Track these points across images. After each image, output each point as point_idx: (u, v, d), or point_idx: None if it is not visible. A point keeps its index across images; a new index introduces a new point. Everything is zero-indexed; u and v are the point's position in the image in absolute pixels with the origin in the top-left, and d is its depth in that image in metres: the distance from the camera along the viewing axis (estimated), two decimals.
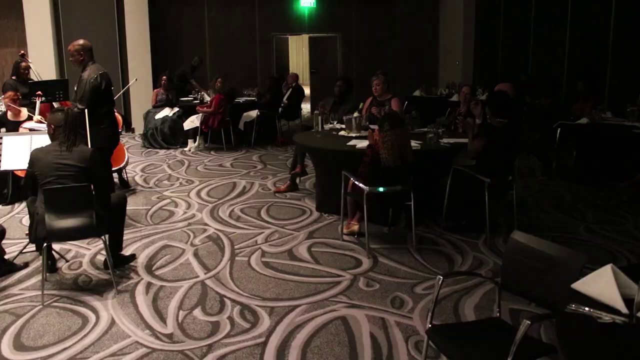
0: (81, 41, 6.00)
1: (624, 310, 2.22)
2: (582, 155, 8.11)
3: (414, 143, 5.61)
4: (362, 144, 5.94)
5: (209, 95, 10.86)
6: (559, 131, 8.14)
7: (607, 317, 2.19)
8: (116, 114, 6.49)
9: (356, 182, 5.25)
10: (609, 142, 7.66)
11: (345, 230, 5.68)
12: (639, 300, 2.14)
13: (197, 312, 4.14)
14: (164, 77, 10.71)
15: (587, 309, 2.24)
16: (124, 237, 5.06)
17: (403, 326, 3.93)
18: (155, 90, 10.98)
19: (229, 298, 4.37)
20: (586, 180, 7.71)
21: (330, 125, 7.04)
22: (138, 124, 11.68)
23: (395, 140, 5.01)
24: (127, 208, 5.25)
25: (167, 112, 10.45)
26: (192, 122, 9.97)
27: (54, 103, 6.96)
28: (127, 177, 7.78)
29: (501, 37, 14.27)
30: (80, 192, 4.25)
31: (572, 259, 2.74)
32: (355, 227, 5.65)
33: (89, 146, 5.51)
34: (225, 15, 14.07)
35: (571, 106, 9.48)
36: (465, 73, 14.64)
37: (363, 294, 4.44)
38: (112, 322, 3.98)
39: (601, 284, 2.37)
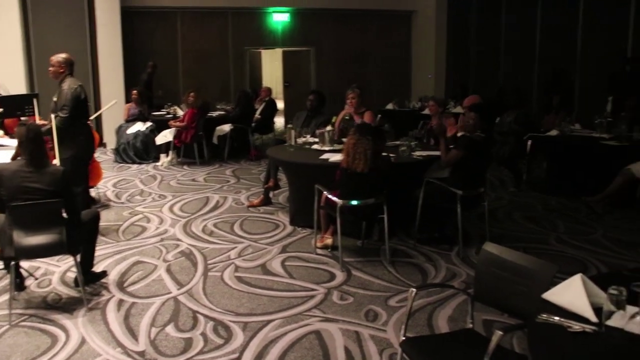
0: (65, 54, 6.04)
1: (594, 319, 2.24)
2: (552, 167, 8.22)
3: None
4: (335, 157, 5.95)
5: (181, 109, 10.80)
6: (529, 143, 8.25)
7: (577, 326, 2.21)
8: (93, 131, 6.50)
9: (329, 196, 5.25)
10: (578, 154, 7.77)
11: (318, 244, 5.67)
12: (607, 309, 2.16)
13: (170, 329, 4.09)
14: (136, 91, 10.63)
15: (557, 318, 2.26)
16: (95, 254, 4.98)
17: (377, 339, 3.93)
18: (127, 105, 10.89)
19: (202, 314, 4.32)
20: (556, 191, 7.81)
21: (303, 139, 7.05)
22: (110, 138, 11.56)
23: (352, 147, 5.05)
24: (99, 224, 5.18)
25: (139, 126, 10.36)
26: (164, 136, 9.90)
27: (22, 118, 6.87)
28: (97, 193, 7.68)
29: (472, 51, 14.46)
30: (50, 208, 4.18)
31: (543, 269, 2.77)
32: (329, 241, 5.64)
33: (60, 156, 5.50)
34: (198, 29, 14.05)
35: (542, 118, 9.63)
36: (437, 86, 14.79)
37: (337, 307, 4.42)
38: (83, 341, 3.91)
39: (571, 294, 2.39)
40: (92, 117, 6.99)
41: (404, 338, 2.96)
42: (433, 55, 14.95)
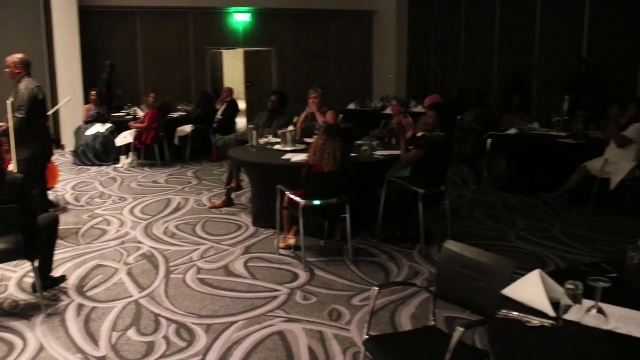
0: (21, 55, 5.95)
1: (552, 313, 2.28)
2: (511, 165, 8.35)
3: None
4: (297, 157, 5.95)
5: (142, 110, 10.67)
6: (489, 142, 8.37)
7: (535, 321, 2.25)
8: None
9: (292, 196, 5.25)
10: (536, 152, 7.92)
11: (281, 245, 5.66)
12: (565, 304, 2.20)
13: (132, 333, 4.03)
14: (94, 92, 10.47)
15: (516, 313, 2.30)
16: (54, 258, 4.88)
17: (341, 338, 3.93)
18: (86, 106, 10.71)
19: (164, 317, 4.27)
20: (516, 189, 7.94)
21: (266, 140, 7.02)
22: (68, 140, 11.36)
23: (320, 147, 5.07)
24: (58, 227, 5.08)
25: (98, 128, 10.21)
26: (124, 138, 9.76)
27: None
28: (56, 196, 7.54)
29: (433, 51, 14.61)
30: (5, 214, 4.08)
31: (503, 266, 2.81)
32: (292, 241, 5.63)
33: (16, 157, 5.39)
34: (158, 29, 13.90)
35: (502, 117, 9.78)
36: (399, 86, 14.89)
37: (300, 307, 4.42)
38: (41, 348, 3.83)
39: (530, 290, 2.43)
40: (49, 113, 6.87)
41: (367, 337, 2.97)
42: (394, 55, 15.05)
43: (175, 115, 10.89)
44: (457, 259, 2.99)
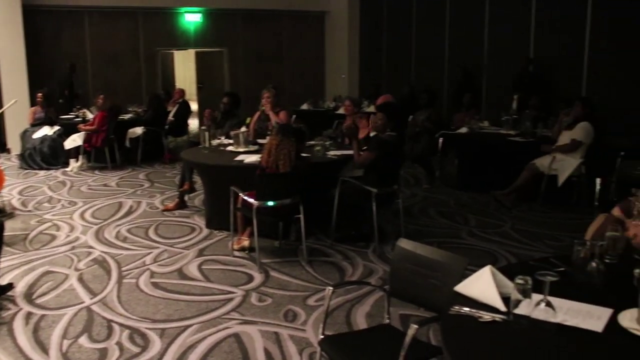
0: None
1: (502, 308, 2.32)
2: (462, 163, 8.48)
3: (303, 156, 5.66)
4: (250, 159, 5.93)
5: (91, 112, 10.46)
6: (441, 140, 8.49)
7: (487, 316, 2.28)
8: None
9: (245, 198, 5.22)
10: (486, 150, 8.06)
11: (235, 246, 5.63)
12: (515, 298, 2.25)
13: (83, 340, 3.94)
14: (41, 93, 10.21)
15: (467, 309, 2.33)
16: (1, 265, 4.75)
17: (297, 339, 3.93)
18: (32, 108, 10.44)
19: (117, 322, 4.20)
20: (467, 187, 8.07)
21: (218, 141, 6.97)
22: (14, 144, 11.06)
23: (275, 148, 5.06)
24: (4, 234, 4.94)
25: (46, 130, 9.96)
26: (73, 140, 9.55)
27: None
28: (2, 201, 7.33)
29: (385, 51, 14.72)
30: None
31: (455, 262, 2.85)
32: (246, 243, 5.60)
33: None
34: (107, 29, 13.64)
35: (453, 116, 9.92)
36: (351, 86, 14.96)
37: (256, 309, 4.40)
38: None
39: (481, 285, 2.47)
40: None
41: (322, 337, 2.97)
42: (346, 56, 15.13)
43: (126, 117, 10.71)
44: (410, 257, 3.03)
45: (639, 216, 3.32)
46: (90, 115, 10.33)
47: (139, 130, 10.20)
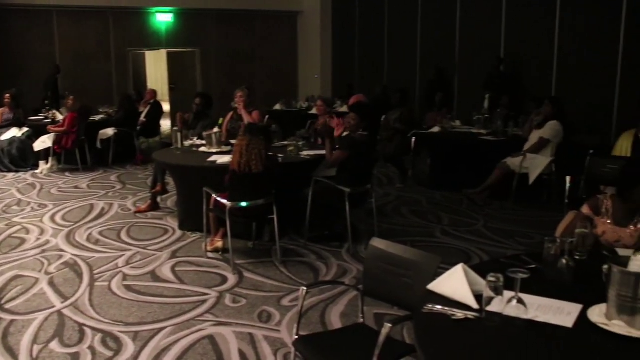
0: None
1: (475, 305, 2.34)
2: (435, 162, 8.54)
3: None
4: (223, 159, 5.90)
5: (61, 113, 10.32)
6: (413, 140, 8.54)
7: (459, 314, 2.30)
8: None
9: (218, 199, 5.19)
10: (458, 149, 8.13)
11: (209, 248, 5.59)
12: (487, 296, 2.27)
13: (54, 345, 3.89)
14: (9, 94, 10.03)
15: (440, 307, 2.35)
16: None
17: (271, 340, 3.92)
18: (0, 110, 10.26)
19: (89, 326, 4.14)
20: (440, 186, 8.13)
21: (190, 142, 6.92)
22: None
23: (245, 148, 5.05)
24: None
25: (14, 132, 9.79)
26: (43, 142, 9.41)
27: None
28: None
29: (358, 51, 14.77)
30: None
31: (428, 261, 2.87)
32: (219, 244, 5.58)
33: None
34: (76, 29, 13.50)
35: (425, 116, 9.99)
36: (324, 86, 14.99)
37: (230, 310, 4.38)
38: None
39: (453, 283, 2.49)
40: None
41: (296, 337, 2.97)
42: (319, 55, 15.15)
43: (97, 118, 10.59)
44: (383, 256, 3.04)
45: (607, 214, 3.38)
46: (60, 117, 10.19)
47: (110, 132, 10.09)
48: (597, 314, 2.25)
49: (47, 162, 9.52)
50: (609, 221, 3.36)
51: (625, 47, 8.39)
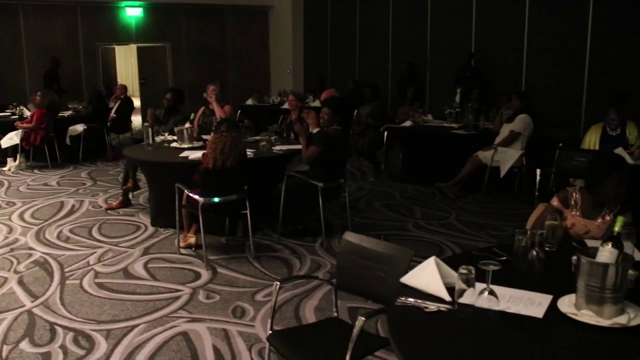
0: None
1: (447, 298, 2.37)
2: (407, 156, 8.59)
3: (248, 151, 5.62)
4: (195, 155, 5.86)
5: (29, 109, 10.15)
6: (385, 134, 8.57)
7: (432, 306, 2.32)
8: None
9: (190, 194, 5.16)
10: (430, 143, 8.19)
11: (182, 244, 5.56)
12: (459, 288, 2.29)
13: (25, 345, 3.83)
14: None
15: (413, 300, 2.37)
16: None
17: (245, 335, 3.92)
18: None
19: (60, 325, 4.09)
20: (412, 179, 8.18)
21: (162, 137, 6.87)
22: None
23: (226, 143, 5.03)
24: None
25: None
26: (10, 139, 9.25)
27: None
28: None
29: (330, 45, 14.77)
30: None
31: (400, 254, 2.88)
32: (192, 240, 5.55)
33: None
34: (44, 23, 13.28)
35: (397, 110, 10.04)
36: (296, 80, 14.96)
37: (203, 306, 4.36)
38: None
39: (426, 276, 2.51)
40: None
41: (270, 332, 2.97)
42: (291, 50, 15.12)
43: (66, 113, 10.43)
44: (356, 250, 3.05)
45: (576, 206, 3.43)
46: (27, 113, 10.03)
47: (79, 128, 9.95)
48: (567, 304, 2.29)
49: (15, 159, 9.36)
50: (577, 214, 3.41)
51: (593, 42, 8.52)
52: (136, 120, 13.65)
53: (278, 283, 3.08)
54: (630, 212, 3.34)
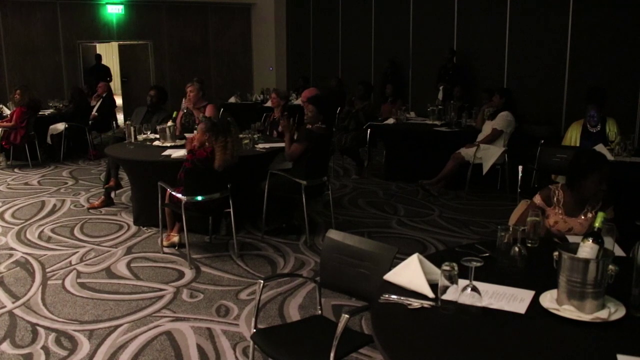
0: None
1: (430, 294, 2.38)
2: (390, 154, 8.61)
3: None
4: (178, 153, 5.83)
5: (8, 108, 10.03)
6: (369, 132, 8.59)
7: (415, 303, 2.33)
8: None
9: (173, 193, 5.13)
10: (413, 140, 8.22)
11: (165, 243, 5.53)
12: (442, 284, 2.30)
13: (5, 346, 3.79)
14: None
15: (396, 297, 2.38)
16: None
17: (230, 334, 3.91)
18: None
19: (42, 326, 4.06)
20: (395, 177, 8.21)
21: (144, 136, 6.82)
22: None
23: (231, 144, 5.02)
24: None
25: None
26: None
27: None
28: None
29: (312, 43, 14.76)
30: None
31: (384, 251, 2.89)
32: (175, 239, 5.52)
33: None
34: (23, 20, 13.14)
35: (379, 108, 10.05)
36: (279, 78, 14.95)
37: (187, 305, 4.35)
38: None
39: (409, 273, 2.52)
40: None
41: (254, 330, 2.96)
42: (273, 48, 15.10)
43: (47, 112, 10.33)
44: (340, 248, 3.05)
45: (558, 204, 3.46)
46: (7, 111, 9.91)
47: (60, 127, 9.86)
48: (549, 300, 2.31)
49: None
50: (560, 211, 3.44)
51: (573, 39, 8.59)
52: (118, 118, 13.55)
53: (262, 281, 3.08)
54: (611, 208, 3.38)
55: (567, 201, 3.44)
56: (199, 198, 5.08)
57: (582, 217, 3.39)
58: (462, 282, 2.30)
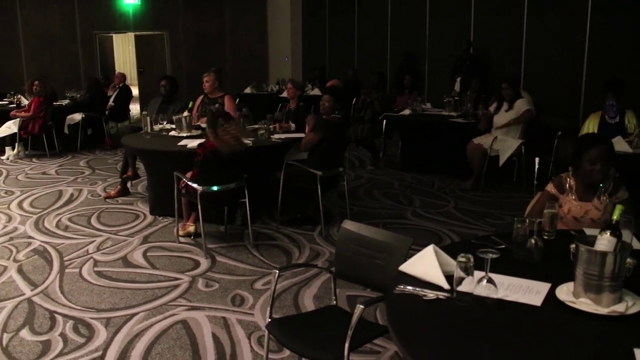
0: None
1: (446, 286, 2.37)
2: (406, 145, 8.58)
3: (246, 140, 5.61)
4: (193, 143, 5.85)
5: (26, 98, 10.12)
6: (384, 123, 8.57)
7: (431, 294, 2.33)
8: None
9: (189, 183, 5.16)
10: (429, 131, 8.18)
11: (181, 232, 5.57)
12: (457, 276, 2.30)
13: (25, 333, 3.84)
14: None
15: (412, 288, 2.37)
16: None
17: (245, 323, 3.93)
18: None
19: (60, 313, 4.10)
20: (411, 168, 8.19)
21: (160, 126, 6.85)
22: None
23: (233, 127, 5.03)
24: None
25: None
26: (8, 128, 9.23)
27: None
28: None
29: (328, 34, 14.71)
30: None
31: (399, 242, 2.89)
32: (191, 228, 5.55)
33: None
34: (41, 12, 13.22)
35: (396, 99, 10.02)
36: (294, 69, 14.92)
37: (203, 295, 4.38)
38: None
39: (425, 264, 2.51)
40: None
41: (269, 320, 2.98)
42: (289, 38, 15.07)
43: (64, 102, 10.41)
44: (355, 238, 3.05)
45: (571, 190, 3.45)
46: (25, 101, 10.00)
47: (77, 117, 9.94)
48: (565, 292, 2.30)
49: (13, 148, 9.35)
50: (574, 197, 3.43)
51: (592, 30, 8.49)
52: (134, 109, 13.63)
53: (277, 271, 3.09)
54: (625, 191, 3.37)
55: (578, 187, 3.43)
56: (215, 188, 5.10)
57: (596, 200, 3.37)
58: (478, 274, 2.29)
